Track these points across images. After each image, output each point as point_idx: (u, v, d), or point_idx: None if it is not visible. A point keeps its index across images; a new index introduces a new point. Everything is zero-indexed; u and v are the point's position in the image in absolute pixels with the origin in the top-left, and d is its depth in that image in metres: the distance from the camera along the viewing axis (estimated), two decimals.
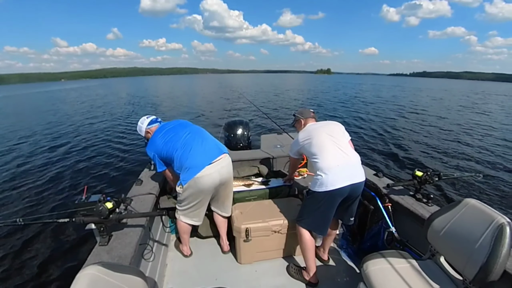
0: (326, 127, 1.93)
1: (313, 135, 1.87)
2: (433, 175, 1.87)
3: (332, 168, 1.67)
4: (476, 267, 1.15)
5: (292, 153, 2.14)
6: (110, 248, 1.41)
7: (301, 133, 2.01)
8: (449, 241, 1.36)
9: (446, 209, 1.43)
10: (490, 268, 1.10)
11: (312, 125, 2.03)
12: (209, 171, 1.84)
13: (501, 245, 1.10)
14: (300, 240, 1.89)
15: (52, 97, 32.93)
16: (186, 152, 1.87)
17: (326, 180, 1.66)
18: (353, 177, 1.70)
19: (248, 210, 2.21)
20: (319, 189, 1.69)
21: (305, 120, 2.10)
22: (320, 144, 1.79)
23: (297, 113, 2.17)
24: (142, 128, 2.11)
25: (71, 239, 3.47)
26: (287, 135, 3.46)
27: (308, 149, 1.85)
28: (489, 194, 4.93)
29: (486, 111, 16.84)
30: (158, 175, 2.38)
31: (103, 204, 1.39)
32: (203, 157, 1.86)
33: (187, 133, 1.96)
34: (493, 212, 1.21)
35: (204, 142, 1.95)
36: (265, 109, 15.29)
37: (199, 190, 1.87)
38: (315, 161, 1.77)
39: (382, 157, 6.94)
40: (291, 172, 2.49)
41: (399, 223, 1.93)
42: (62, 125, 12.29)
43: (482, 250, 1.15)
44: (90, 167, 6.40)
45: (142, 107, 18.43)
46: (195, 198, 1.92)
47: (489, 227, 1.16)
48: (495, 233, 1.13)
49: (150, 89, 43.82)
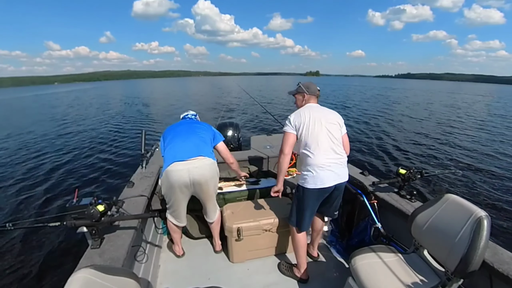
0: (327, 117, 1.78)
1: (314, 123, 1.72)
2: (415, 173, 1.92)
3: (324, 167, 1.66)
4: (457, 259, 1.18)
5: (289, 128, 1.76)
6: (102, 251, 1.37)
7: (303, 109, 1.81)
8: (431, 235, 1.39)
9: (428, 205, 1.47)
10: (470, 259, 1.13)
11: (314, 108, 1.82)
12: (178, 167, 1.82)
13: (480, 237, 1.13)
14: (294, 238, 1.89)
15: (45, 100, 32.08)
16: (168, 145, 1.95)
17: (317, 177, 1.67)
18: (340, 177, 1.73)
19: (239, 210, 2.20)
20: (308, 185, 1.69)
21: (308, 97, 1.87)
22: (317, 137, 1.69)
23: (303, 85, 1.90)
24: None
25: (62, 243, 3.37)
26: (276, 136, 3.47)
27: (304, 136, 1.71)
28: (468, 189, 5.09)
29: (464, 111, 17.36)
30: (150, 177, 2.34)
31: (94, 206, 1.35)
32: (177, 153, 1.87)
33: (180, 129, 2.04)
34: (472, 206, 1.24)
35: (186, 140, 1.95)
36: (257, 107, 15.29)
37: (169, 185, 1.86)
38: (308, 155, 1.69)
39: (367, 156, 7.05)
40: (283, 168, 1.81)
41: (384, 219, 1.96)
42: (53, 128, 12.00)
43: (462, 242, 1.18)
44: (81, 170, 6.25)
45: (133, 110, 18.16)
46: (170, 194, 1.92)
47: (469, 220, 1.20)
48: (474, 226, 1.16)
49: (143, 91, 43.27)
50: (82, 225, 1.38)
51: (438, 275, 1.38)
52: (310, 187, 1.69)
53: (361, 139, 8.86)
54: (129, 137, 9.65)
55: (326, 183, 1.68)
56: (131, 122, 12.95)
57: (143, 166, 2.49)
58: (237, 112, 14.84)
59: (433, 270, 1.42)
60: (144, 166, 2.50)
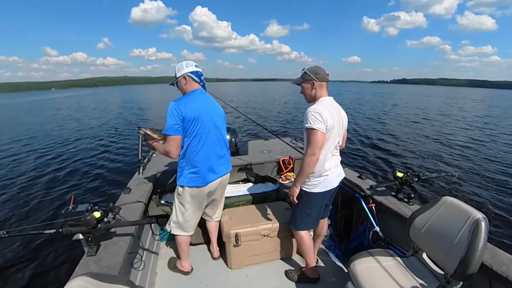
0: (344, 121, 1.68)
1: (333, 127, 1.55)
2: (413, 176, 1.92)
3: (330, 170, 1.66)
4: (456, 262, 1.18)
5: (321, 125, 1.49)
6: (98, 258, 1.35)
7: (327, 105, 1.57)
8: (430, 238, 1.39)
9: (426, 208, 1.47)
10: (468, 261, 1.13)
11: (334, 106, 1.63)
12: (215, 185, 1.81)
13: (478, 239, 1.13)
14: (302, 243, 1.86)
15: (41, 106, 31.94)
16: (203, 148, 1.69)
17: (325, 181, 1.65)
18: (341, 176, 1.77)
19: (237, 215, 2.19)
20: (319, 189, 1.66)
21: (318, 84, 1.61)
22: (333, 142, 1.61)
23: (310, 71, 1.61)
24: (182, 71, 1.70)
25: (58, 250, 3.32)
26: (273, 141, 3.47)
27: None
28: (465, 191, 5.12)
29: (459, 115, 17.58)
30: (147, 183, 2.32)
31: (90, 213, 1.33)
32: (216, 167, 1.79)
33: (212, 129, 1.74)
34: (469, 208, 1.25)
35: (223, 151, 1.83)
36: (253, 115, 15.36)
37: (196, 199, 1.80)
38: (320, 159, 1.58)
39: (364, 160, 7.08)
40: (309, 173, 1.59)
41: (383, 223, 1.96)
42: (49, 134, 11.91)
43: (460, 245, 1.18)
44: (77, 176, 6.19)
45: (130, 115, 18.14)
46: (191, 206, 1.82)
47: (466, 223, 1.20)
48: (472, 229, 1.16)
49: (139, 97, 43.28)
50: (78, 232, 1.37)
51: (437, 278, 1.37)
52: (320, 191, 1.67)
53: (358, 143, 8.90)
54: (126, 143, 9.61)
55: (335, 183, 1.70)
56: (128, 127, 12.90)
57: (140, 172, 2.48)
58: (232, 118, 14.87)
59: (432, 273, 1.41)
60: (141, 172, 2.48)
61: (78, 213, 1.37)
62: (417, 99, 34.50)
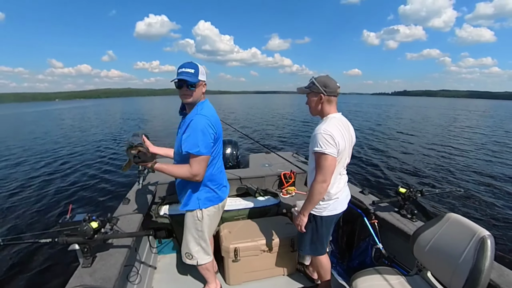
0: (353, 138, 1.59)
1: (345, 148, 1.47)
2: (416, 191, 1.89)
3: (340, 192, 1.60)
4: (462, 281, 1.14)
5: (333, 149, 1.38)
6: (93, 270, 1.32)
7: (337, 123, 1.45)
8: (434, 256, 1.35)
9: (430, 224, 1.44)
10: (475, 281, 1.09)
11: (344, 123, 1.52)
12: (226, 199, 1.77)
13: (484, 257, 1.10)
14: (321, 267, 1.82)
15: (45, 116, 32.31)
16: (221, 164, 1.64)
17: (335, 203, 1.59)
18: (348, 196, 1.72)
19: (237, 229, 2.15)
20: (329, 213, 1.59)
21: (326, 98, 1.47)
22: (340, 165, 1.52)
23: (318, 82, 1.46)
24: (204, 76, 1.49)
25: (53, 260, 3.24)
26: (275, 155, 3.47)
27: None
28: (470, 207, 5.01)
29: (462, 127, 17.52)
30: (146, 194, 2.30)
31: (88, 223, 1.32)
32: (225, 181, 1.74)
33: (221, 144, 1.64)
34: (474, 226, 1.22)
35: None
36: (253, 127, 15.42)
37: (216, 220, 1.73)
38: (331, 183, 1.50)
39: (366, 174, 7.00)
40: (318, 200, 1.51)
41: (385, 239, 1.91)
42: (49, 143, 11.98)
43: (466, 263, 1.15)
44: (76, 186, 6.16)
45: (132, 126, 18.30)
46: (212, 228, 1.74)
47: (472, 240, 1.17)
48: (478, 246, 1.13)
49: (142, 108, 43.75)
50: (74, 242, 1.34)
51: None
52: (330, 214, 1.59)
53: (359, 157, 8.85)
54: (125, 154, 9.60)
55: (344, 205, 1.67)
56: None
57: (140, 183, 2.46)
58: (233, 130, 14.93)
59: None
60: (140, 183, 2.46)
61: (75, 223, 1.35)
62: (419, 111, 34.57)
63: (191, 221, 1.62)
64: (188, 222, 1.64)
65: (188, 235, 1.66)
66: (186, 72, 1.41)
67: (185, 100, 1.46)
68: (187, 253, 1.71)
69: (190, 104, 1.49)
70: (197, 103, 1.49)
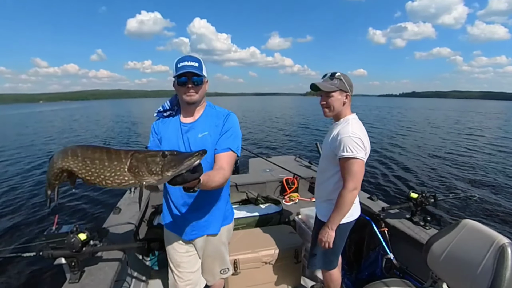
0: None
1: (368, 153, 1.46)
2: (428, 197, 1.89)
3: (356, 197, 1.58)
4: None
5: (363, 153, 1.39)
6: (81, 286, 1.31)
7: (361, 132, 1.43)
8: (450, 266, 1.34)
9: (444, 232, 1.43)
10: None
11: (363, 128, 1.48)
12: None
13: (504, 267, 1.09)
14: (331, 282, 1.75)
15: (28, 119, 32.32)
16: None
17: (352, 209, 1.55)
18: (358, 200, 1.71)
19: (236, 240, 2.13)
20: (347, 219, 1.56)
21: (350, 101, 1.50)
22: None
23: (345, 79, 1.45)
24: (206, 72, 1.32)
25: (37, 276, 3.19)
26: (276, 158, 3.47)
27: None
28: (487, 213, 5.00)
29: (476, 129, 17.58)
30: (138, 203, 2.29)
31: (75, 235, 1.31)
32: None
33: None
34: (492, 233, 1.21)
35: None
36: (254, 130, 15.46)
37: None
38: None
39: (375, 179, 6.99)
40: (349, 209, 1.48)
41: (397, 249, 1.90)
42: (33, 148, 11.99)
43: (485, 274, 1.14)
44: (62, 195, 6.13)
45: (122, 130, 18.35)
46: None
47: (490, 249, 1.16)
48: (497, 255, 1.12)
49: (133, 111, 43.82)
50: (60, 256, 1.34)
51: None
52: (348, 221, 1.57)
53: (367, 161, 8.83)
54: None
55: (358, 209, 1.67)
56: (120, 143, 12.97)
57: (132, 191, 2.46)
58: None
59: None
60: (132, 191, 2.46)
61: (61, 235, 1.35)
62: (430, 114, 34.72)
63: (225, 236, 1.57)
64: (223, 237, 1.55)
65: (222, 247, 1.57)
66: (190, 66, 1.23)
67: (191, 98, 1.27)
68: (223, 269, 1.61)
69: (193, 104, 1.31)
70: (201, 103, 1.36)
